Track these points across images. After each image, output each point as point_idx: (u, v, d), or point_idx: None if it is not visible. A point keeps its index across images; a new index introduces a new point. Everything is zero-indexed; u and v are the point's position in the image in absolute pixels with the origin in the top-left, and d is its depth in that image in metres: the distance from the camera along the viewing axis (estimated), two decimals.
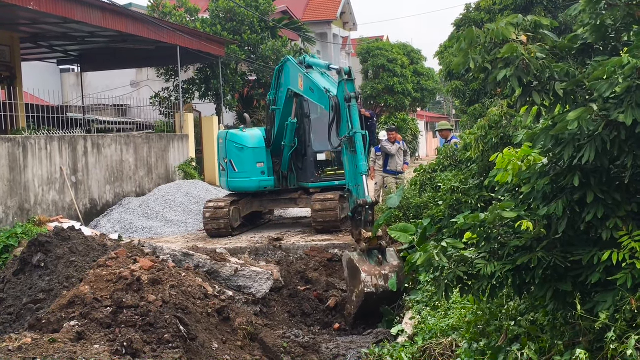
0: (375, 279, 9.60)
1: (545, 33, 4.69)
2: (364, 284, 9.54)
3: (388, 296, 9.60)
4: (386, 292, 9.58)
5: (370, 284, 9.55)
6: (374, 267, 9.73)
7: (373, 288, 9.53)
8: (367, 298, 9.51)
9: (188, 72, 27.49)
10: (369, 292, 9.51)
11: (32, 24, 19.03)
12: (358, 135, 10.28)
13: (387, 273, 9.70)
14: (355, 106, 10.48)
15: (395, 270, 9.77)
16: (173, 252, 10.88)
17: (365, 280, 9.56)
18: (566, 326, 4.80)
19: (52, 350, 6.34)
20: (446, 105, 69.64)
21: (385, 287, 9.58)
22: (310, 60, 12.63)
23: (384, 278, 9.65)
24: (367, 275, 9.59)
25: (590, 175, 4.44)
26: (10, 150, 14.86)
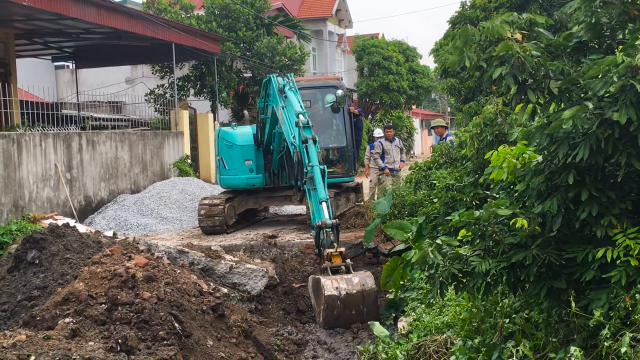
0: (336, 283, 9.05)
1: (541, 31, 4.69)
2: (325, 288, 9.00)
3: (356, 301, 9.03)
4: (351, 295, 9.02)
5: (331, 287, 8.99)
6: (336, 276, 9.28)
7: (334, 291, 8.97)
8: (329, 303, 8.97)
9: (183, 69, 27.45)
10: (329, 294, 8.97)
11: (26, 20, 18.98)
12: (315, 168, 10.72)
13: (350, 277, 9.18)
14: (312, 146, 11.06)
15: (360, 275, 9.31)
16: (168, 249, 10.86)
17: (325, 284, 9.03)
18: (560, 323, 4.81)
19: (47, 347, 6.33)
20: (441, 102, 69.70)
21: (349, 289, 9.01)
22: (288, 93, 12.41)
23: (346, 281, 9.09)
24: (328, 280, 9.11)
25: (584, 173, 4.45)
26: (4, 146, 14.83)
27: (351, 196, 16.08)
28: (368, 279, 9.24)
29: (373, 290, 9.20)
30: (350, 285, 9.09)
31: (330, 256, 9.63)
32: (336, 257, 9.64)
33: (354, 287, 9.10)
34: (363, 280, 9.16)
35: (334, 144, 15.41)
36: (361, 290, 9.10)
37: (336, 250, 9.67)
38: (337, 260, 9.62)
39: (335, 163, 15.31)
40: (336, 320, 9.14)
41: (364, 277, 9.26)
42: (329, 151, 15.45)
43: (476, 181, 8.48)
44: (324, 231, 9.95)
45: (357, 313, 9.10)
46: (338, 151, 15.36)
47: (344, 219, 14.63)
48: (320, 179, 10.64)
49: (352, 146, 15.25)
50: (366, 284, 9.15)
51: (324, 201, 10.34)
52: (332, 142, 15.45)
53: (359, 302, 9.09)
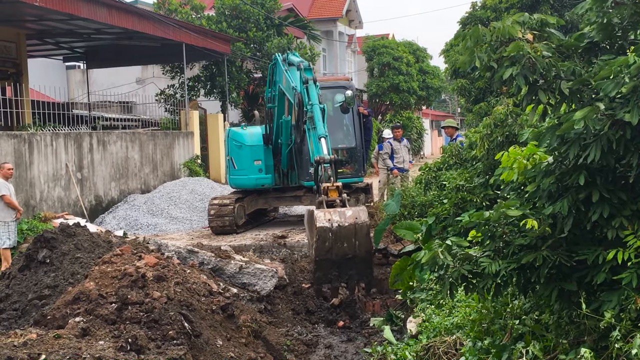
0: (329, 215, 8.92)
1: (552, 31, 4.68)
2: (317, 220, 8.86)
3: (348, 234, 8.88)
4: (343, 227, 8.88)
5: (324, 219, 8.85)
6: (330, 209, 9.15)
7: (327, 222, 8.83)
8: (320, 234, 8.83)
9: (193, 69, 27.52)
10: (321, 226, 8.83)
11: (38, 20, 19.07)
12: (315, 106, 10.80)
13: (343, 210, 9.04)
14: (313, 86, 11.13)
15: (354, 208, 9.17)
16: (178, 249, 10.89)
17: (317, 215, 8.90)
18: (571, 325, 4.79)
19: (57, 346, 6.35)
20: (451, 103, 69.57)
21: (341, 222, 8.88)
22: (290, 57, 12.88)
23: (339, 214, 8.95)
24: (321, 212, 8.99)
25: (595, 175, 4.43)
26: (16, 146, 14.90)
27: (361, 197, 16.06)
28: (361, 213, 9.09)
29: (365, 224, 9.05)
30: (343, 217, 8.96)
31: (326, 190, 9.54)
32: (332, 191, 9.56)
33: (346, 219, 8.96)
34: (356, 214, 9.02)
35: (343, 145, 15.40)
36: (354, 223, 8.96)
37: (332, 185, 9.57)
38: (333, 194, 9.54)
39: (345, 164, 15.29)
40: (327, 252, 9.01)
41: (358, 210, 9.12)
42: (338, 152, 15.45)
43: (486, 182, 8.46)
44: (321, 166, 9.93)
45: (349, 246, 9.00)
46: (347, 152, 15.35)
47: None
48: (320, 116, 10.70)
49: (361, 147, 15.24)
50: (359, 217, 9.00)
51: (323, 137, 10.35)
52: (342, 142, 15.44)
53: (351, 235, 8.96)
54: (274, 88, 13.78)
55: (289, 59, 12.86)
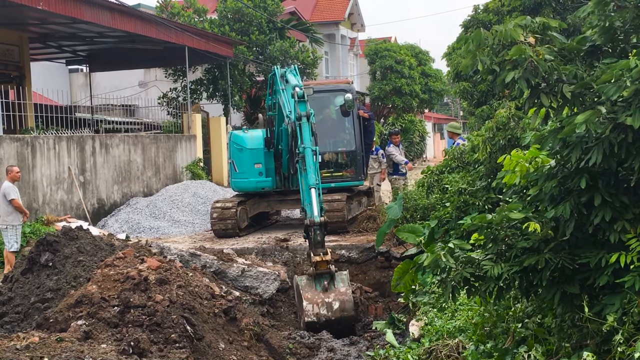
0: (317, 308, 9.49)
1: (554, 35, 4.68)
2: (305, 313, 9.48)
3: (333, 324, 9.48)
4: (330, 321, 9.47)
5: (311, 313, 9.45)
6: (318, 295, 9.59)
7: (314, 317, 9.43)
8: (308, 327, 9.44)
9: (196, 72, 27.53)
10: (309, 321, 9.45)
11: (41, 24, 19.11)
12: (307, 150, 10.61)
13: (330, 301, 9.55)
14: (306, 124, 10.89)
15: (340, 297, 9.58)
16: (180, 252, 10.90)
17: (306, 309, 9.48)
18: (573, 328, 4.79)
19: (60, 350, 6.36)
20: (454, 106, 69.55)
21: (328, 316, 9.47)
22: (288, 75, 12.67)
23: (326, 307, 9.51)
24: (309, 303, 9.51)
25: (597, 178, 4.43)
26: (18, 149, 14.93)
27: (363, 200, 16.07)
28: (347, 304, 9.56)
29: (351, 316, 9.63)
30: (330, 312, 9.49)
31: (316, 264, 9.75)
32: (322, 264, 9.76)
33: (333, 313, 9.51)
34: (343, 306, 9.54)
35: (343, 148, 15.38)
36: (339, 317, 9.53)
37: (322, 259, 9.76)
38: (322, 266, 9.76)
39: (344, 167, 15.27)
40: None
41: (344, 301, 9.57)
42: (338, 155, 15.43)
43: (489, 185, 8.46)
44: (312, 229, 9.95)
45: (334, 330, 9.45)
46: (347, 155, 15.32)
47: (356, 223, 14.61)
48: (311, 162, 10.55)
49: (361, 150, 15.20)
50: (345, 309, 9.53)
51: (313, 187, 10.29)
52: (341, 146, 15.42)
53: (336, 325, 9.51)
54: (275, 96, 13.76)
55: (287, 76, 12.69)
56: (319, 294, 9.58)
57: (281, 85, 12.56)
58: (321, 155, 14.87)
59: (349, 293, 9.71)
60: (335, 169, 15.16)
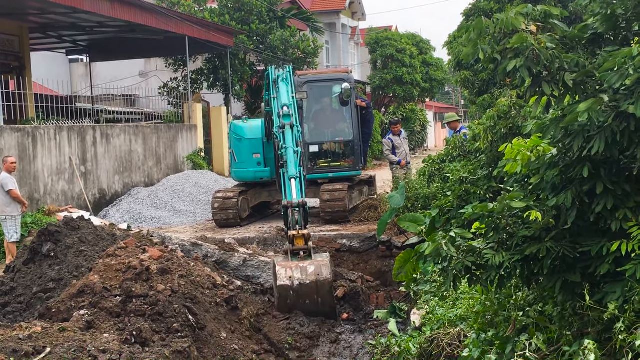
0: (290, 272, 8.95)
1: (555, 23, 4.66)
2: (278, 276, 8.96)
3: (309, 291, 8.96)
4: (304, 285, 8.95)
5: (284, 276, 8.91)
6: (293, 262, 9.16)
7: (287, 280, 8.90)
8: (281, 292, 8.94)
9: (196, 62, 27.49)
10: (281, 284, 8.91)
11: (41, 14, 19.08)
12: (288, 149, 10.80)
13: (305, 266, 9.05)
14: (288, 131, 11.11)
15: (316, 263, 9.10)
16: (182, 242, 10.92)
17: (279, 272, 8.97)
18: (575, 317, 4.79)
19: (62, 339, 6.38)
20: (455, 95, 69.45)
21: (302, 279, 8.92)
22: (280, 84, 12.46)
23: (300, 270, 8.97)
24: (282, 268, 9.01)
25: (599, 166, 4.43)
26: (19, 140, 14.92)
27: (364, 189, 16.07)
28: (324, 269, 9.04)
29: (327, 281, 9.04)
30: (305, 274, 8.95)
31: (293, 238, 9.48)
32: (299, 239, 9.48)
33: (308, 276, 8.96)
34: (318, 270, 8.98)
35: (340, 138, 15.35)
36: (315, 281, 8.96)
37: (298, 233, 9.48)
38: (299, 242, 9.47)
39: (343, 157, 15.26)
40: (290, 309, 9.05)
41: (320, 265, 9.05)
42: (336, 144, 15.41)
43: (490, 174, 8.45)
44: (290, 210, 9.85)
45: (312, 302, 9.01)
46: (344, 145, 15.29)
47: (357, 212, 14.62)
48: (292, 158, 10.65)
49: (359, 140, 15.17)
50: (321, 273, 8.97)
51: (293, 178, 10.31)
52: (339, 135, 15.39)
53: (312, 292, 8.96)
54: (273, 92, 13.74)
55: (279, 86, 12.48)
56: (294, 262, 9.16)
57: (273, 93, 12.45)
58: (319, 145, 14.93)
59: (327, 260, 9.25)
60: (333, 158, 15.14)
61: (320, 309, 9.10)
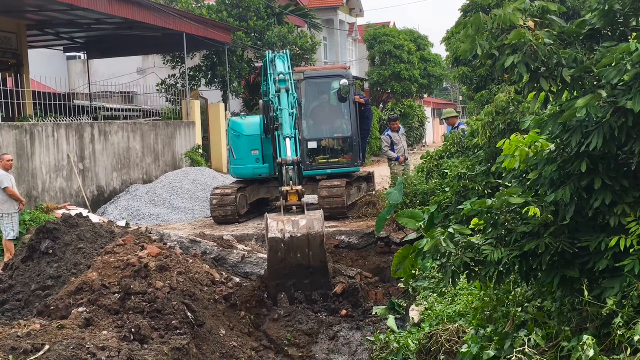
0: (282, 225, 8.78)
1: (553, 18, 4.66)
2: (270, 230, 8.75)
3: (301, 245, 8.77)
4: (296, 238, 8.76)
5: (276, 229, 8.72)
6: (285, 217, 9.00)
7: (279, 233, 8.71)
8: (272, 245, 8.73)
9: (194, 59, 27.45)
10: (273, 237, 8.71)
11: (38, 11, 19.04)
12: (284, 111, 11.00)
13: (297, 220, 8.88)
14: (284, 93, 11.32)
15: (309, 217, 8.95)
16: (180, 239, 10.92)
17: (270, 225, 8.78)
18: (573, 312, 4.80)
19: (61, 337, 6.38)
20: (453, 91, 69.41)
21: (293, 232, 8.75)
22: (276, 61, 12.88)
23: (292, 224, 8.80)
24: (274, 221, 8.85)
25: (598, 162, 4.43)
26: (17, 137, 14.90)
27: (363, 185, 16.07)
28: (316, 222, 8.94)
29: (319, 235, 8.93)
30: (296, 228, 8.83)
31: (286, 194, 9.42)
32: (292, 195, 9.43)
33: (299, 230, 8.84)
34: (310, 223, 8.88)
35: (339, 134, 15.35)
36: (307, 234, 8.85)
37: (292, 189, 9.44)
38: (293, 198, 9.42)
39: (341, 153, 15.26)
40: (280, 262, 8.92)
41: (312, 220, 8.96)
42: (334, 141, 15.41)
43: (488, 170, 8.45)
44: (284, 168, 9.87)
45: (303, 256, 8.90)
46: (343, 141, 15.29)
47: (356, 209, 14.62)
48: (287, 119, 10.82)
49: (357, 136, 15.17)
50: (313, 227, 8.87)
51: (288, 137, 10.37)
52: (337, 132, 15.40)
53: (304, 246, 8.84)
54: (270, 69, 13.78)
55: (275, 62, 12.90)
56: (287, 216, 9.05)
57: (270, 70, 12.73)
58: (318, 142, 14.93)
59: (319, 215, 9.13)
60: (332, 155, 15.14)
61: (311, 264, 8.95)
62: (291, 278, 8.98)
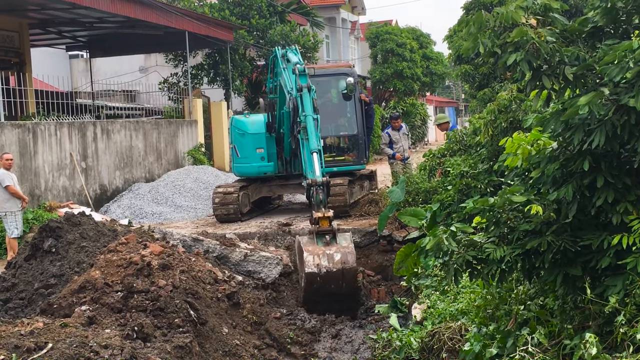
0: (317, 259, 9.13)
1: (555, 16, 4.66)
2: (306, 264, 9.12)
3: (336, 278, 9.16)
4: (331, 272, 9.13)
5: (312, 264, 9.10)
6: (319, 248, 9.30)
7: (315, 268, 9.08)
8: (309, 279, 9.12)
9: (196, 57, 27.44)
10: (309, 272, 9.09)
11: (40, 9, 19.05)
12: (308, 117, 10.62)
13: (332, 253, 9.22)
14: (307, 95, 10.91)
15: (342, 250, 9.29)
16: (183, 237, 10.92)
17: (307, 260, 9.13)
18: (576, 310, 4.80)
19: (64, 335, 6.38)
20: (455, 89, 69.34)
21: (329, 267, 9.12)
22: (289, 55, 12.73)
23: (327, 258, 9.16)
24: (310, 254, 9.18)
25: (600, 160, 4.43)
26: (20, 136, 14.92)
27: (365, 184, 16.07)
28: (350, 256, 9.24)
29: (354, 269, 9.28)
30: (332, 262, 9.14)
31: (318, 220, 9.58)
32: (324, 221, 9.59)
33: (334, 264, 9.14)
34: (344, 258, 9.19)
35: (345, 132, 15.36)
36: (341, 269, 9.16)
37: (324, 215, 9.59)
38: (324, 224, 9.58)
39: (347, 151, 15.27)
40: (315, 294, 9.28)
41: (346, 253, 9.25)
42: (340, 139, 15.41)
43: (490, 168, 8.45)
44: (314, 189, 9.89)
45: (336, 287, 9.22)
46: (349, 139, 15.30)
47: (358, 207, 14.62)
48: (313, 128, 10.57)
49: (363, 134, 15.20)
50: (347, 261, 9.18)
51: (316, 152, 10.28)
52: (343, 130, 15.40)
53: (338, 278, 9.17)
54: (276, 79, 13.75)
55: (288, 55, 12.73)
56: (320, 247, 9.31)
57: (282, 64, 12.56)
58: (323, 140, 14.91)
59: (351, 247, 9.45)
60: (338, 153, 15.15)
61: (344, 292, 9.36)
62: (323, 304, 9.37)
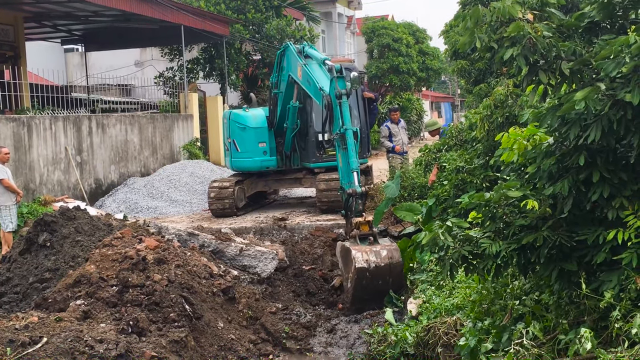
0: (366, 255, 9.48)
1: (552, 11, 4.65)
2: (355, 260, 9.40)
3: (383, 273, 9.48)
4: (379, 267, 9.45)
5: (362, 259, 9.41)
6: (365, 246, 9.67)
7: (364, 263, 9.39)
8: (359, 274, 9.37)
9: (192, 51, 27.38)
10: (360, 267, 9.36)
11: (35, 3, 18.97)
12: (349, 132, 10.46)
13: (378, 249, 9.59)
14: (346, 103, 10.69)
15: (387, 247, 9.68)
16: (178, 231, 10.91)
17: (356, 256, 9.44)
18: (571, 305, 4.80)
19: (59, 329, 6.38)
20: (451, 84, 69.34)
21: (377, 262, 9.46)
22: (309, 50, 12.53)
23: (375, 254, 9.52)
24: (358, 252, 9.50)
25: (596, 155, 4.43)
26: (14, 130, 14.88)
27: (360, 179, 16.04)
28: (395, 252, 9.64)
29: (400, 263, 9.61)
30: (379, 258, 9.51)
31: (359, 224, 9.95)
32: (364, 225, 9.96)
33: (382, 260, 9.51)
34: (390, 254, 9.59)
35: None
36: (389, 263, 9.53)
37: (364, 220, 10.00)
38: (364, 228, 9.94)
39: None
40: (364, 289, 9.57)
41: (392, 250, 9.67)
42: None
43: (486, 163, 8.46)
44: (354, 199, 10.17)
45: (384, 283, 9.55)
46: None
47: None
48: (353, 145, 10.53)
49: (365, 128, 15.23)
50: (393, 257, 9.58)
51: (355, 171, 10.43)
52: None
53: (386, 274, 9.52)
54: (282, 74, 13.67)
55: (307, 51, 12.45)
56: (366, 246, 9.70)
57: (300, 60, 12.31)
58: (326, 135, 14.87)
59: (395, 244, 9.88)
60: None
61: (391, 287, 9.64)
62: (370, 302, 9.59)
